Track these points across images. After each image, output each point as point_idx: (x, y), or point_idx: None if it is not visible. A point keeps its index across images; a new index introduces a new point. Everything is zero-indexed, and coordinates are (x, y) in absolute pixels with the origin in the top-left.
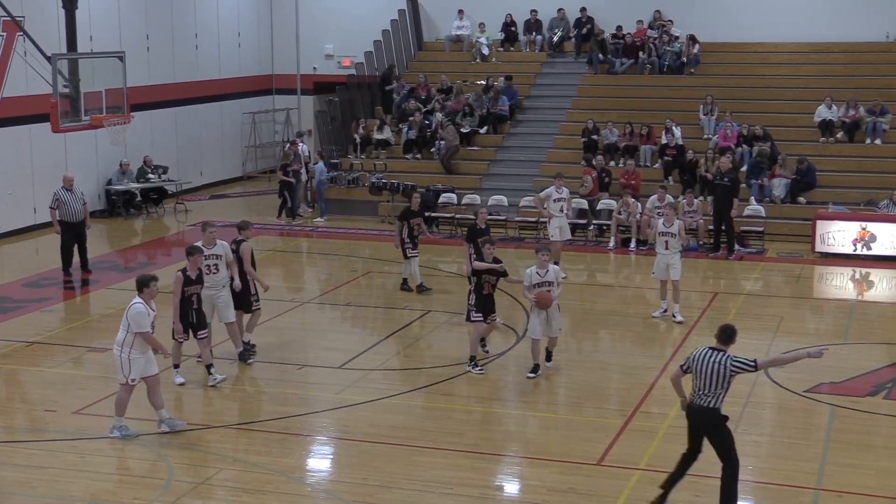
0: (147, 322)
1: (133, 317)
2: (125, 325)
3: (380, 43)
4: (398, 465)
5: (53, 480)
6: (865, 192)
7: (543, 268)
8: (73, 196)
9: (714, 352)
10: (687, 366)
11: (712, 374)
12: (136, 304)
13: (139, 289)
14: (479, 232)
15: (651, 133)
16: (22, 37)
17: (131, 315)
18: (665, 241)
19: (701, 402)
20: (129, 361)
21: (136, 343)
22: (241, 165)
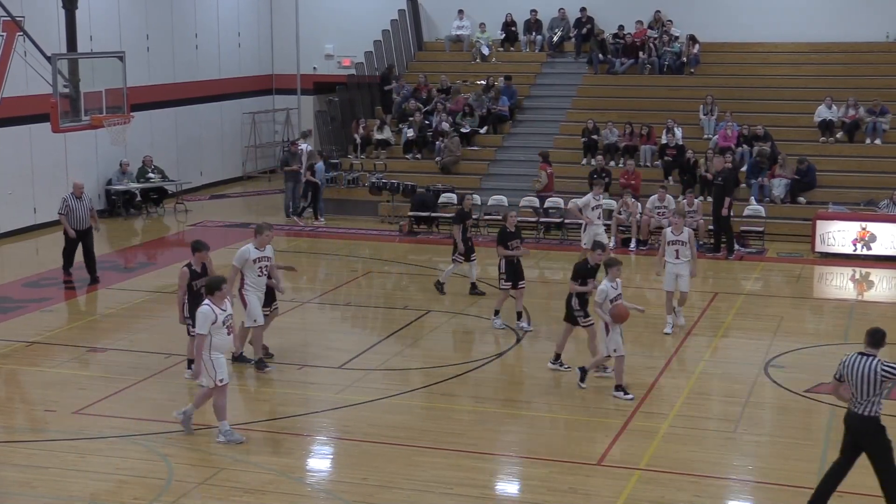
0: (207, 325)
1: (197, 316)
2: None
3: (380, 43)
4: (398, 465)
5: (53, 480)
6: (865, 192)
7: (614, 280)
8: (81, 204)
9: (863, 357)
10: (839, 374)
11: (864, 381)
12: (203, 305)
13: (210, 292)
14: (509, 235)
15: (651, 133)
16: (22, 37)
17: (197, 315)
18: (675, 249)
19: (857, 410)
20: (213, 362)
21: (213, 343)
22: (241, 165)
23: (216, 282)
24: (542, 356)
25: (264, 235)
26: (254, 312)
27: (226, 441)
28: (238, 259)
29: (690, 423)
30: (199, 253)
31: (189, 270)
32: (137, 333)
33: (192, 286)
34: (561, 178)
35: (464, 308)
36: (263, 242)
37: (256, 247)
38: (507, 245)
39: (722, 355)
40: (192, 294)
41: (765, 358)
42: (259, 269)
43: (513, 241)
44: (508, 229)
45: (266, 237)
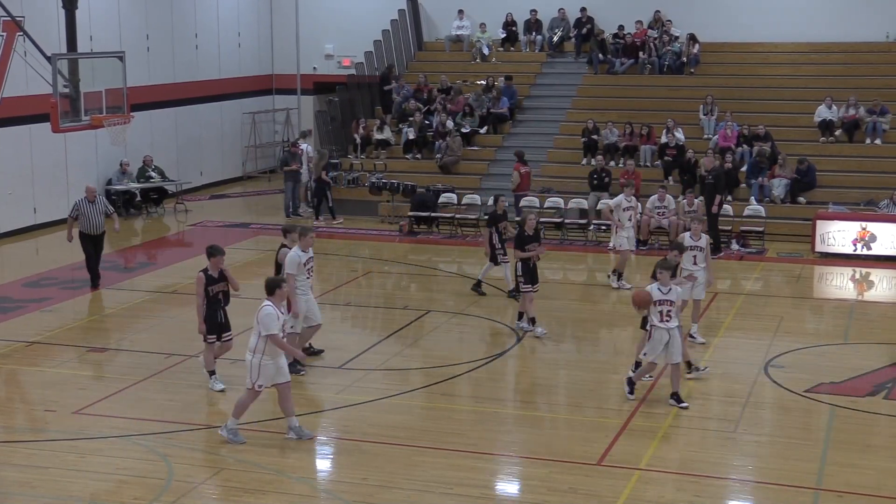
0: (276, 325)
1: (262, 318)
2: (257, 330)
3: (380, 43)
4: (398, 465)
5: (53, 480)
6: (865, 192)
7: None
8: (95, 208)
9: None
10: None
11: None
12: (266, 306)
13: (270, 291)
14: (526, 238)
15: (651, 133)
16: (22, 37)
17: (261, 317)
18: (693, 255)
19: None
20: (259, 367)
21: (268, 348)
22: (241, 165)
23: (277, 281)
24: (542, 356)
25: (308, 237)
26: (309, 313)
27: (227, 438)
28: (291, 265)
29: (690, 423)
30: (214, 258)
31: (205, 276)
32: (137, 333)
33: (209, 291)
34: (561, 179)
35: (464, 308)
36: (308, 244)
37: (303, 250)
38: (525, 249)
39: (722, 355)
40: (209, 300)
41: (765, 358)
42: (307, 271)
43: (530, 245)
44: (527, 233)
45: (310, 239)
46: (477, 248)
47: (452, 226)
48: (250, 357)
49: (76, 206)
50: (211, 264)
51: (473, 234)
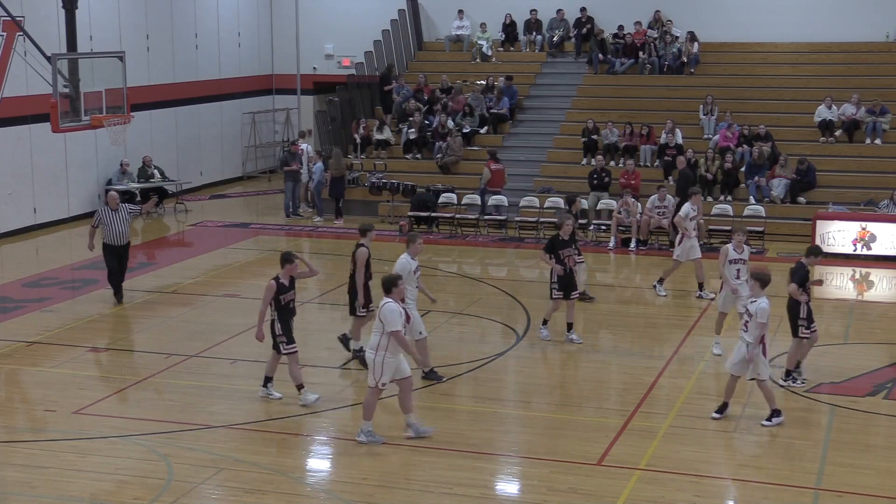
0: (400, 321)
1: (386, 315)
2: (379, 328)
3: (380, 43)
4: (398, 465)
5: (53, 480)
6: (865, 192)
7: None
8: (118, 217)
9: None
10: None
11: None
12: (388, 303)
13: (388, 289)
14: (561, 243)
15: (651, 133)
16: (22, 37)
17: (384, 314)
18: (737, 269)
19: None
20: (383, 365)
21: (391, 345)
22: (241, 165)
23: (393, 278)
24: (542, 357)
25: (417, 244)
26: (418, 324)
27: (367, 441)
28: (402, 272)
29: (690, 423)
30: (289, 265)
31: (277, 284)
32: (137, 333)
33: (280, 300)
34: (561, 179)
35: (464, 308)
36: (417, 251)
37: (412, 256)
38: (559, 254)
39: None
40: (280, 309)
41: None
42: (417, 279)
43: (565, 251)
44: (561, 237)
45: (419, 245)
46: (476, 248)
47: (452, 226)
48: (372, 355)
49: (98, 214)
50: (283, 272)
51: (473, 233)
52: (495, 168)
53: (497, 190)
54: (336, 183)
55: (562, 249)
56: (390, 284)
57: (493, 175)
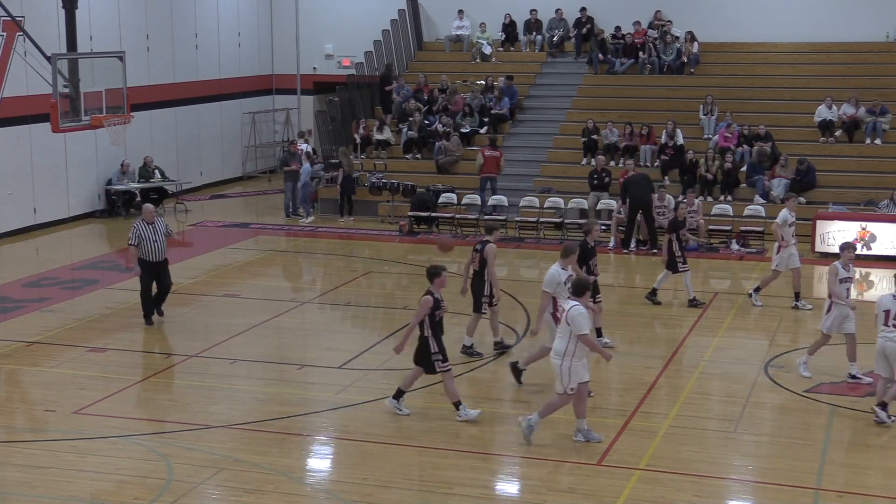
0: (588, 325)
1: (574, 319)
2: (566, 333)
3: (380, 43)
4: (398, 465)
5: (53, 480)
6: (865, 192)
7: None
8: (154, 230)
9: None
10: None
11: None
12: (576, 306)
13: (580, 293)
14: (590, 251)
15: (651, 133)
16: (22, 37)
17: (572, 317)
18: (847, 288)
19: None
20: (570, 371)
21: (578, 350)
22: (241, 165)
23: (587, 282)
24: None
25: (572, 258)
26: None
27: (584, 440)
28: (550, 283)
29: (690, 423)
30: (438, 278)
31: (433, 299)
32: (137, 333)
33: (434, 316)
34: (561, 179)
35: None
36: (570, 263)
37: (563, 268)
38: (588, 263)
39: (722, 355)
40: (434, 325)
41: (765, 358)
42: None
43: (593, 259)
44: (590, 244)
45: (574, 258)
46: None
47: (452, 226)
48: (559, 361)
49: (135, 231)
50: (435, 285)
51: (473, 233)
52: (489, 154)
53: (491, 176)
54: (346, 181)
55: (591, 259)
56: (584, 287)
57: (487, 161)
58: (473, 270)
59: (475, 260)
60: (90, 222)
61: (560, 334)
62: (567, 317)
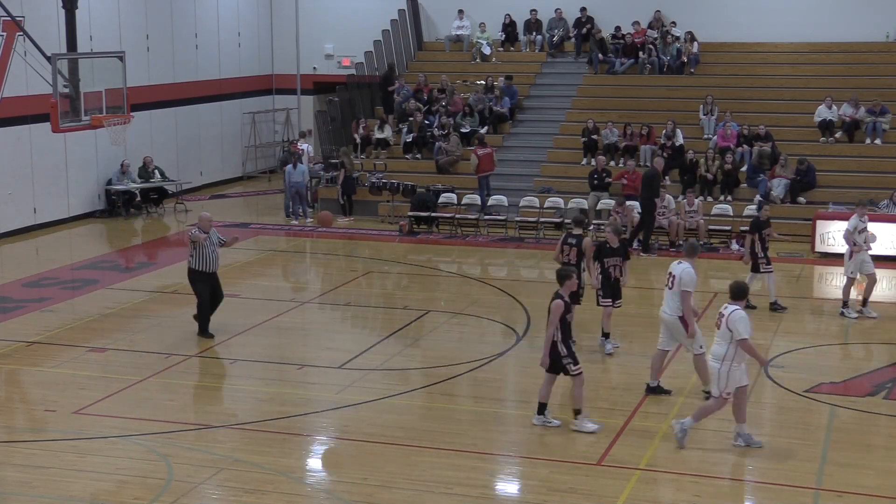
0: (748, 329)
1: (735, 323)
2: (726, 337)
3: (380, 43)
4: (398, 465)
5: (53, 480)
6: (865, 192)
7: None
8: (210, 239)
9: None
10: None
11: None
12: (737, 310)
13: (738, 296)
14: (607, 251)
15: (651, 133)
16: (22, 37)
17: (733, 321)
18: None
19: None
20: (728, 376)
21: (737, 354)
22: (241, 165)
23: (745, 286)
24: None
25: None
26: (701, 338)
27: (745, 444)
28: (690, 283)
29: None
30: (569, 280)
31: (564, 302)
32: (137, 333)
33: (565, 320)
34: (561, 179)
35: (463, 308)
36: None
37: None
38: (604, 262)
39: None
40: (565, 329)
41: (765, 358)
42: None
43: (611, 259)
44: (609, 245)
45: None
46: (476, 248)
47: (452, 226)
48: (717, 365)
49: (192, 238)
50: (564, 288)
51: (473, 233)
52: (482, 153)
53: (487, 174)
54: (347, 181)
55: (607, 257)
56: (741, 292)
57: (481, 160)
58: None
59: (569, 254)
60: (90, 222)
61: (719, 338)
62: (727, 321)
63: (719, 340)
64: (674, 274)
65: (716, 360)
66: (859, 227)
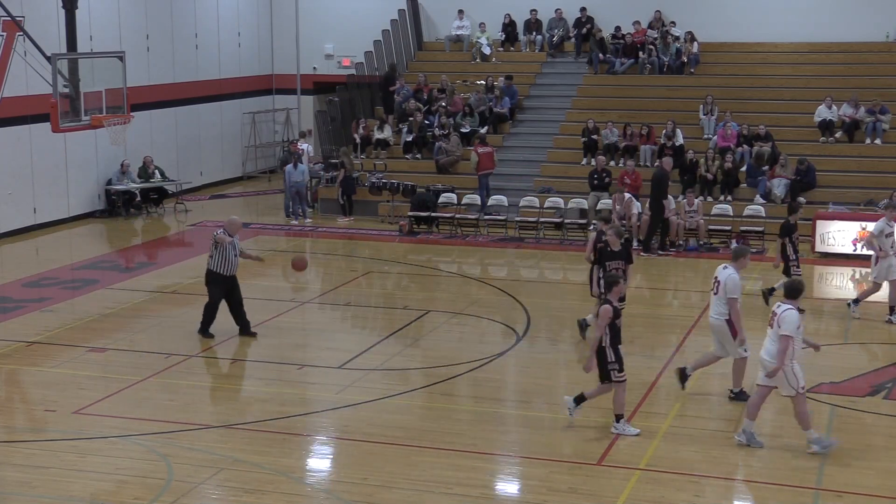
0: (793, 328)
1: (785, 319)
2: (777, 335)
3: (380, 43)
4: (398, 465)
5: (53, 480)
6: (865, 192)
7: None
8: (233, 244)
9: None
10: None
11: None
12: (789, 308)
13: (792, 295)
14: (608, 254)
15: (651, 133)
16: (22, 37)
17: (783, 318)
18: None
19: None
20: (793, 373)
21: (795, 351)
22: (241, 165)
23: (801, 284)
24: (542, 357)
25: (746, 258)
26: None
27: (820, 450)
28: (735, 289)
29: (690, 423)
30: (617, 286)
31: (612, 308)
32: (137, 333)
33: (615, 325)
34: (561, 179)
35: (463, 308)
36: (743, 265)
37: (738, 270)
38: (606, 266)
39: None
40: (614, 334)
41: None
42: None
43: (613, 262)
44: (611, 248)
45: (747, 260)
46: (476, 248)
47: (452, 226)
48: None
49: (217, 240)
50: (613, 294)
51: (473, 233)
52: (483, 151)
53: (488, 172)
54: (347, 181)
55: (610, 261)
56: (795, 291)
57: (481, 158)
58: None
59: None
60: (90, 222)
61: (772, 338)
62: (778, 319)
63: (773, 339)
64: (719, 279)
65: (774, 358)
66: (886, 230)
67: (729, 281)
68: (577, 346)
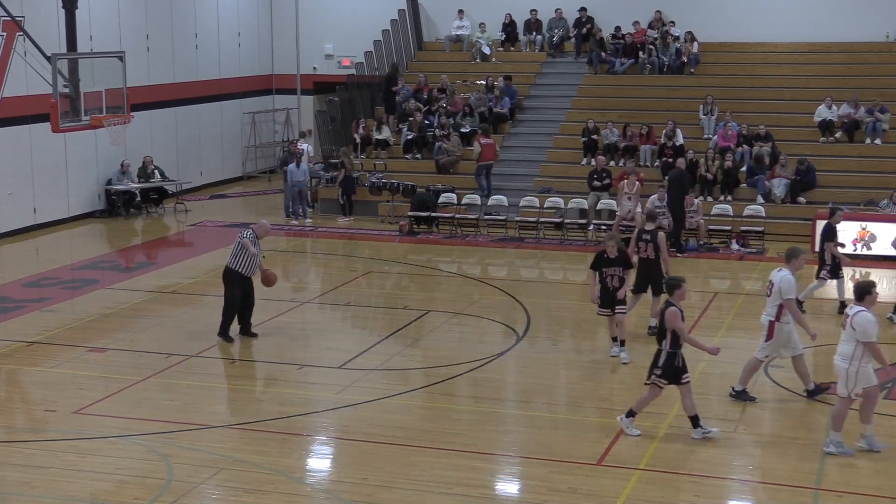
0: (875, 331)
1: (861, 324)
2: (852, 337)
3: (380, 43)
4: (398, 465)
5: (53, 480)
6: (865, 192)
7: None
8: (257, 247)
9: None
10: None
11: None
12: (862, 311)
13: (861, 296)
14: (605, 261)
15: (651, 133)
16: (22, 37)
17: (858, 323)
18: None
19: None
20: (857, 375)
21: (865, 354)
22: (241, 165)
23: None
24: (542, 357)
25: (800, 259)
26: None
27: (836, 452)
28: (790, 290)
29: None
30: (679, 289)
31: (678, 310)
32: (137, 333)
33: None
34: (561, 179)
35: (464, 308)
36: (798, 267)
37: (793, 272)
38: (602, 272)
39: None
40: (674, 337)
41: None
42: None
43: (609, 269)
44: (608, 255)
45: (802, 261)
46: (476, 248)
47: (452, 226)
48: (846, 365)
49: (249, 240)
50: (675, 297)
51: (473, 233)
52: (485, 142)
53: (489, 163)
54: (347, 181)
55: (606, 267)
56: (864, 293)
57: (484, 149)
58: (640, 259)
59: (646, 249)
60: (90, 222)
61: (845, 338)
62: (852, 322)
63: (846, 340)
64: (773, 281)
65: (844, 359)
66: None
67: (783, 283)
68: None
